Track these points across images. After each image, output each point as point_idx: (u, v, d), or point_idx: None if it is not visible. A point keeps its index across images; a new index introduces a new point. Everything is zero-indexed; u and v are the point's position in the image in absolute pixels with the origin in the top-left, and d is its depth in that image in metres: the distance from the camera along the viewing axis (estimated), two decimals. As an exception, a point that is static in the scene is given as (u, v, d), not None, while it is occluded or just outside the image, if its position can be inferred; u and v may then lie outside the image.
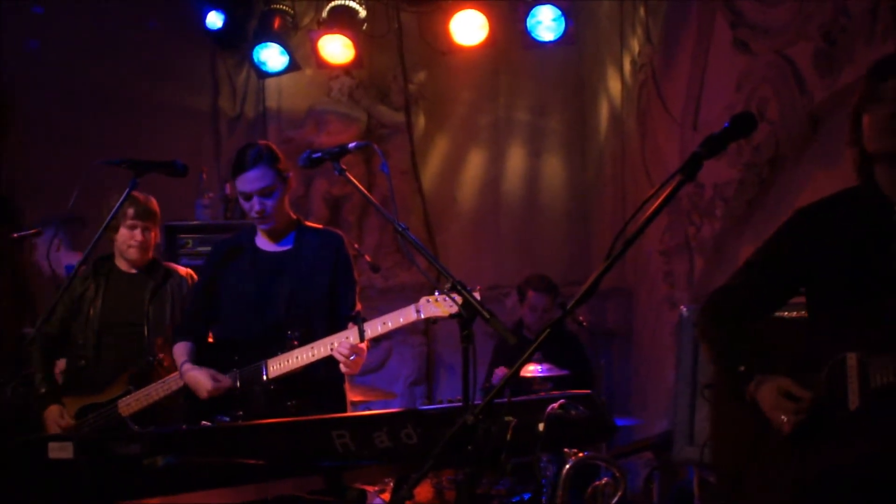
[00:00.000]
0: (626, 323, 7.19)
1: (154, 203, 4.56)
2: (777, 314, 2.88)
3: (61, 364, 4.61)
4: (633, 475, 6.31)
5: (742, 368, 2.69)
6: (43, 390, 4.40)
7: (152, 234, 4.56)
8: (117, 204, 3.93)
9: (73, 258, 5.04)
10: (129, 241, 4.48)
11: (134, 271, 4.58)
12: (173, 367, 4.29)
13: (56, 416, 4.33)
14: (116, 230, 4.46)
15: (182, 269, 4.69)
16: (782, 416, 2.57)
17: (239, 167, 3.88)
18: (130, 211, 4.44)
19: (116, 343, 4.47)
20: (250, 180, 3.85)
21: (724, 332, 2.81)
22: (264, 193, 3.87)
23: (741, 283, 2.84)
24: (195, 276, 4.69)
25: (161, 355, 4.40)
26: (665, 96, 6.54)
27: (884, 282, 2.54)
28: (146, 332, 4.46)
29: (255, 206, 3.87)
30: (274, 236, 4.02)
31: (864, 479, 2.45)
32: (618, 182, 7.34)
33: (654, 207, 2.33)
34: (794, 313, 2.95)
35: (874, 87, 2.55)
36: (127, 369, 4.34)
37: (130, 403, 4.28)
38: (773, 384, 2.61)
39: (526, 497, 5.12)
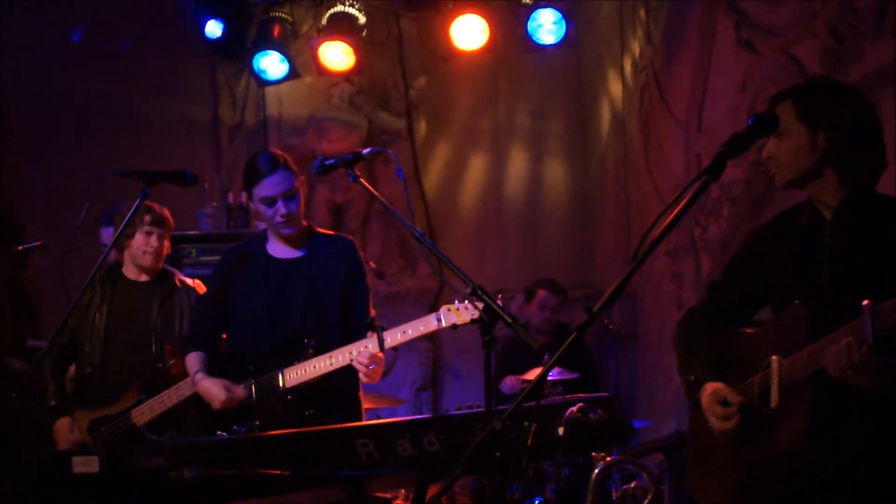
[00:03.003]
0: (632, 324, 7.18)
1: (167, 213, 4.55)
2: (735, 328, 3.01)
3: (72, 370, 4.58)
4: (641, 477, 6.30)
5: (692, 378, 2.89)
6: (53, 403, 4.38)
7: (166, 242, 4.55)
8: (129, 213, 3.92)
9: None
10: (144, 247, 4.47)
11: (142, 280, 4.56)
12: (182, 374, 4.27)
13: (66, 430, 4.30)
14: (131, 237, 4.45)
15: (189, 280, 4.67)
16: (714, 420, 2.77)
17: (256, 175, 3.83)
18: (147, 217, 4.44)
19: (124, 351, 4.45)
20: (273, 184, 3.80)
21: (686, 345, 3.00)
22: (288, 196, 3.83)
23: (708, 303, 3.04)
24: (202, 287, 4.66)
25: (171, 361, 4.37)
26: (668, 98, 6.54)
27: (816, 292, 2.69)
28: (154, 341, 4.43)
29: (280, 209, 3.81)
30: (293, 242, 3.97)
31: (785, 471, 2.62)
32: (620, 185, 7.34)
33: (679, 209, 2.34)
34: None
35: None
36: (136, 378, 4.32)
37: (144, 412, 4.25)
38: (713, 390, 2.79)
39: (538, 501, 5.10)
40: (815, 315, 2.61)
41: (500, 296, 3.06)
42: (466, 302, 3.26)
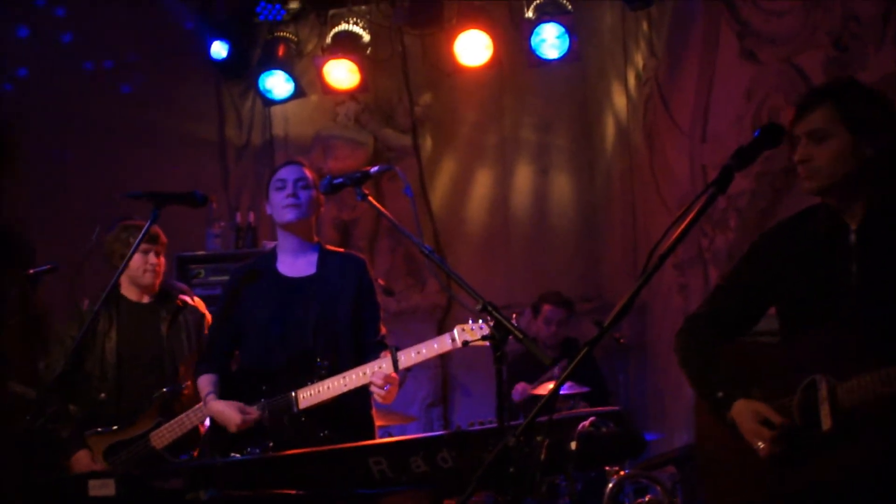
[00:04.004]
0: (641, 337, 7.17)
1: (159, 230, 4.53)
2: (750, 338, 2.99)
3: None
4: (655, 490, 6.27)
5: (721, 394, 2.79)
6: (66, 434, 4.34)
7: (162, 259, 4.56)
8: (140, 234, 3.94)
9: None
10: (143, 265, 4.47)
11: (145, 301, 4.56)
12: (195, 396, 4.27)
13: (87, 462, 4.27)
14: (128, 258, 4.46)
15: (190, 299, 4.68)
16: (759, 443, 2.67)
17: (276, 169, 4.03)
18: (132, 238, 4.44)
19: (138, 375, 4.44)
20: (288, 170, 3.96)
21: (701, 357, 2.93)
22: (299, 184, 3.92)
23: (712, 309, 2.97)
24: (202, 305, 4.69)
25: (187, 383, 4.37)
26: (672, 109, 6.55)
27: (844, 303, 2.66)
28: (167, 362, 4.44)
29: (288, 190, 3.90)
30: (299, 232, 3.97)
31: (840, 495, 2.56)
32: (627, 197, 7.34)
33: (686, 222, 2.35)
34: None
35: (791, 128, 2.73)
36: (151, 401, 4.32)
37: (164, 435, 4.24)
38: (751, 410, 2.71)
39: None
40: (868, 338, 2.56)
41: (514, 315, 3.06)
42: (481, 322, 3.27)
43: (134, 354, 4.47)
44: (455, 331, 3.47)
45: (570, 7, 6.82)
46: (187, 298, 4.67)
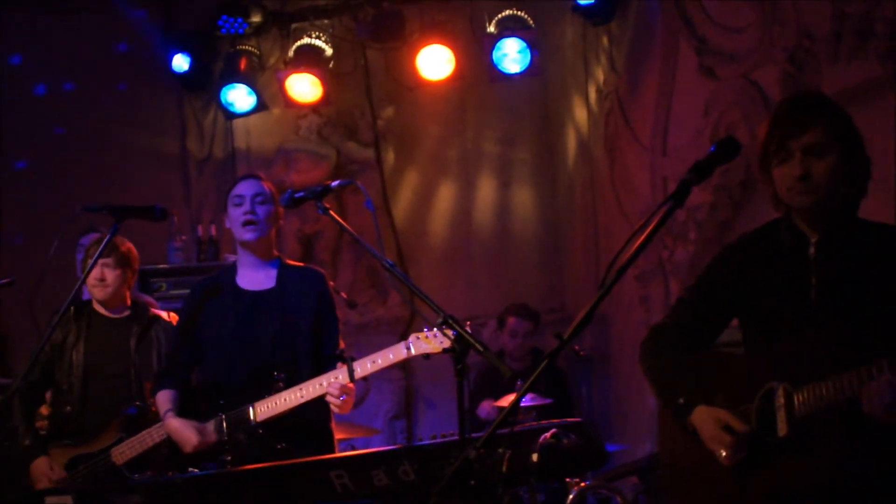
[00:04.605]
0: (603, 348, 7.22)
1: (119, 241, 4.45)
2: (713, 348, 3.01)
3: (44, 409, 4.52)
4: (616, 501, 6.30)
5: (681, 401, 2.82)
6: (27, 442, 4.31)
7: (117, 272, 4.46)
8: (99, 248, 3.91)
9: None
10: (92, 279, 4.42)
11: (116, 316, 4.53)
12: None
13: (45, 469, 4.24)
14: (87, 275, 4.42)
15: (164, 314, 4.65)
16: (721, 450, 2.71)
17: (234, 183, 4.02)
18: (92, 250, 4.39)
19: (103, 389, 4.41)
20: (245, 186, 3.95)
21: (664, 366, 2.94)
22: (257, 199, 3.91)
23: (675, 320, 2.99)
24: (176, 319, 4.65)
25: (151, 400, 4.34)
26: (632, 123, 6.62)
27: (804, 314, 2.70)
28: (133, 379, 4.41)
29: (246, 207, 3.89)
30: (257, 251, 3.97)
31: (798, 500, 2.59)
32: (588, 210, 7.40)
33: (644, 235, 2.38)
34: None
35: (781, 142, 2.66)
36: (116, 416, 4.28)
37: (124, 451, 4.20)
38: (712, 416, 2.74)
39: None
40: (826, 348, 2.61)
41: (468, 323, 3.07)
42: (436, 329, 3.28)
43: (100, 369, 4.43)
44: (410, 340, 3.47)
45: (531, 22, 6.88)
46: (162, 313, 4.64)
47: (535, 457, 3.25)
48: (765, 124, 2.78)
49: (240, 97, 7.21)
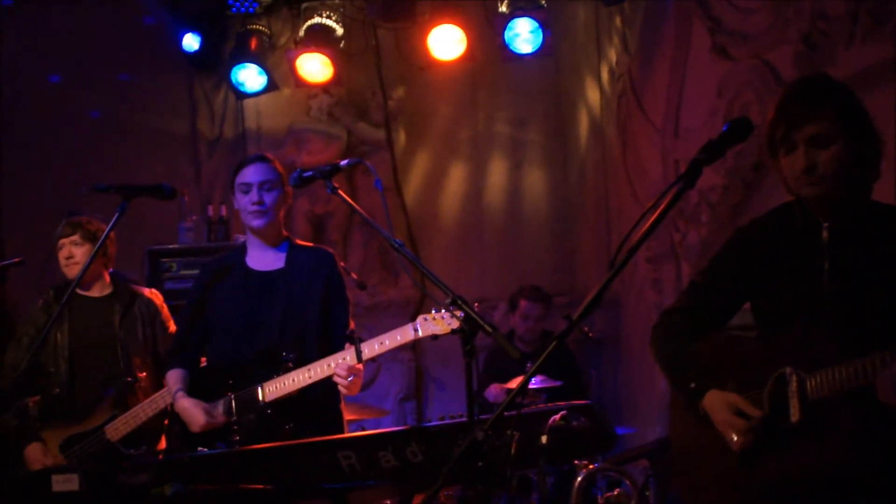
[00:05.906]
0: (614, 331, 7.20)
1: (86, 220, 4.46)
2: (725, 331, 2.99)
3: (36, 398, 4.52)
4: (625, 484, 6.31)
5: (693, 385, 2.80)
6: (16, 423, 4.32)
7: (85, 247, 4.43)
8: (107, 229, 3.90)
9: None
10: (62, 260, 4.44)
11: (97, 295, 4.53)
12: (151, 387, 4.26)
13: (39, 455, 4.25)
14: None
15: (146, 290, 4.65)
16: (733, 434, 2.69)
17: (240, 165, 3.94)
18: (60, 229, 4.40)
19: (91, 368, 4.43)
20: (252, 172, 3.89)
21: (676, 350, 2.92)
22: (264, 186, 3.87)
23: (687, 303, 2.97)
24: (159, 296, 4.66)
25: (141, 374, 4.36)
26: (645, 105, 6.57)
27: (816, 299, 2.68)
28: (121, 355, 4.40)
29: (253, 196, 3.85)
30: (266, 237, 3.96)
31: (809, 487, 2.58)
32: (600, 191, 7.36)
33: (655, 216, 2.35)
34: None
35: (786, 133, 2.63)
36: (106, 393, 4.29)
37: (118, 427, 4.23)
38: (724, 401, 2.73)
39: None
40: (837, 333, 2.59)
41: (476, 304, 3.05)
42: (444, 311, 3.26)
43: (86, 348, 4.45)
44: (418, 321, 3.46)
45: (543, 2, 6.82)
46: (144, 290, 4.64)
47: (544, 439, 3.24)
48: (771, 111, 2.75)
49: (250, 77, 7.18)
